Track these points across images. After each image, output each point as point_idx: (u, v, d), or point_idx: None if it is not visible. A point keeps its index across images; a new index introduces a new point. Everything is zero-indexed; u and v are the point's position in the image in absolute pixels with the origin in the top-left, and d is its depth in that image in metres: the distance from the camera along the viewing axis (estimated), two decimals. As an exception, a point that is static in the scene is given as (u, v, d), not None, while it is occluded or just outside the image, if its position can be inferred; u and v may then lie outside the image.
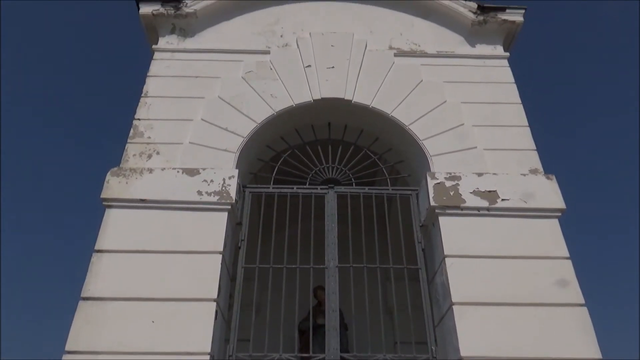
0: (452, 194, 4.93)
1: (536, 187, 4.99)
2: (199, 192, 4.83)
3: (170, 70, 5.90)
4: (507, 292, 4.38)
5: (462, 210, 4.85)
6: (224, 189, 4.87)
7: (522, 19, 6.38)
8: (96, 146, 21.63)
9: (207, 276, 4.39)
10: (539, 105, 20.07)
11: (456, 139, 5.39)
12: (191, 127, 5.38)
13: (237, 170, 5.07)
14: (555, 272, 4.52)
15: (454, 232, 4.73)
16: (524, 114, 5.67)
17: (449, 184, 4.99)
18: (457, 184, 4.99)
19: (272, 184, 5.47)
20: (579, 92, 21.74)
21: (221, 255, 4.52)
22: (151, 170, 4.99)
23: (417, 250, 5.07)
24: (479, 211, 4.85)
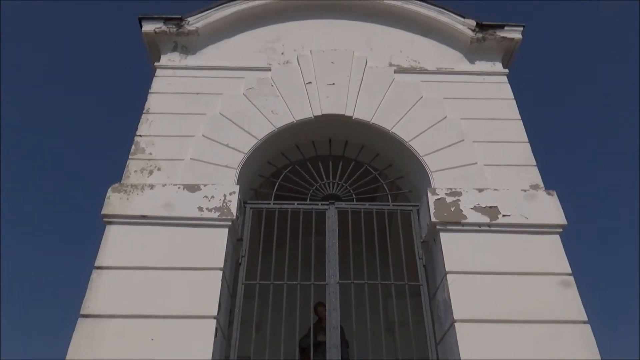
0: (453, 209, 4.91)
1: (537, 202, 4.97)
2: (200, 208, 4.81)
3: (172, 87, 5.93)
4: (510, 309, 4.33)
5: (463, 226, 4.82)
6: (224, 205, 4.85)
7: (520, 36, 6.43)
8: (98, 162, 21.65)
9: (207, 293, 4.35)
10: (539, 121, 20.12)
11: (456, 154, 5.39)
12: (192, 143, 5.38)
13: (238, 186, 5.06)
14: (557, 288, 4.48)
15: (455, 248, 4.70)
16: (524, 129, 5.68)
17: (449, 199, 4.97)
18: (458, 200, 4.97)
19: (272, 199, 5.45)
20: (579, 108, 21.80)
21: (221, 271, 4.49)
22: (152, 186, 4.98)
23: (419, 266, 5.04)
24: (480, 227, 4.82)
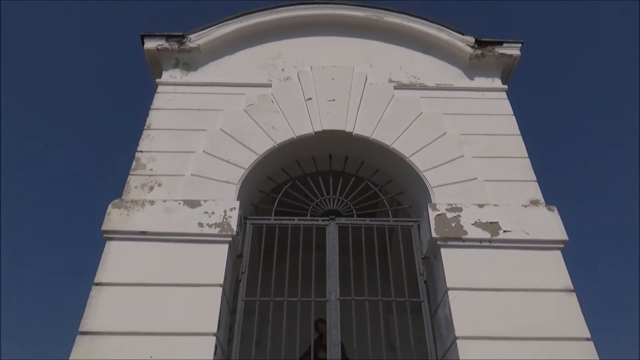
0: (453, 225, 4.89)
1: (538, 218, 4.96)
2: (200, 224, 4.80)
3: (173, 103, 5.96)
4: (512, 326, 4.30)
5: (464, 241, 4.80)
6: (225, 220, 4.84)
7: (519, 53, 6.48)
8: (99, 178, 21.67)
9: (207, 310, 4.32)
10: (538, 136, 20.16)
11: (456, 170, 5.39)
12: (193, 159, 5.39)
13: (239, 202, 5.05)
14: (559, 305, 4.45)
15: (456, 264, 4.68)
16: (524, 145, 5.69)
17: (450, 215, 4.96)
18: (459, 215, 4.96)
19: (273, 215, 5.45)
20: (579, 122, 21.87)
21: (221, 288, 4.46)
22: (152, 202, 4.97)
23: (420, 282, 5.00)
24: (480, 243, 4.80)
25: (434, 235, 4.84)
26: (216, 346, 4.18)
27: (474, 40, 6.46)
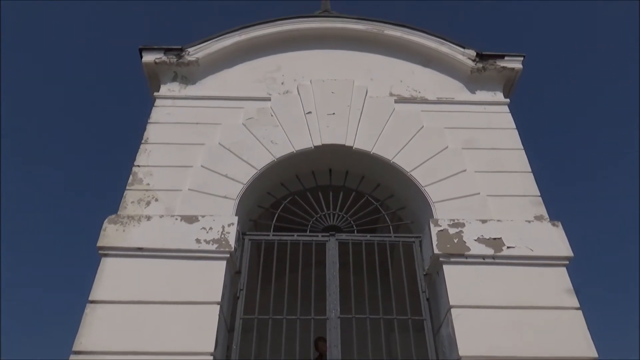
0: (456, 241, 4.86)
1: (542, 234, 4.93)
2: (198, 240, 4.77)
3: (171, 117, 5.95)
4: (517, 345, 4.24)
5: (466, 258, 4.77)
6: (223, 236, 4.81)
7: (520, 66, 6.50)
8: (95, 192, 21.63)
9: (203, 328, 4.27)
10: (542, 150, 20.15)
11: (459, 185, 5.37)
12: (191, 173, 5.37)
13: (237, 217, 5.02)
14: (565, 323, 4.39)
15: (459, 281, 4.64)
16: (527, 159, 5.67)
17: (452, 231, 4.93)
18: (461, 231, 4.93)
19: (272, 231, 5.41)
20: (583, 136, 21.87)
21: (219, 305, 4.41)
22: (149, 217, 4.94)
23: (422, 300, 4.96)
24: (484, 259, 4.77)
25: (436, 251, 4.81)
26: (213, 366, 4.12)
27: (475, 53, 6.48)
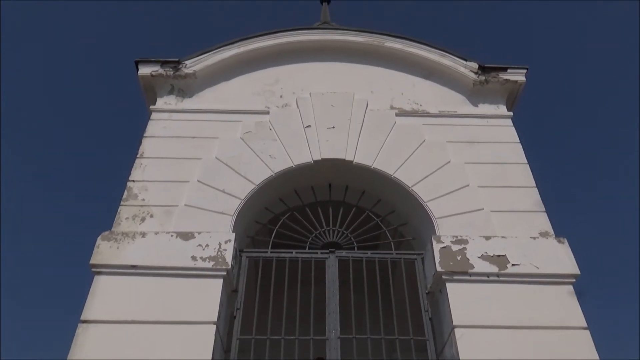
0: (459, 258, 4.82)
1: (547, 251, 4.89)
2: (193, 258, 4.73)
3: (167, 130, 5.95)
4: (523, 367, 4.18)
5: (470, 276, 4.72)
6: (219, 254, 4.77)
7: (524, 79, 6.50)
8: (89, 209, 21.57)
9: (199, 349, 4.21)
10: (546, 164, 20.14)
11: (461, 200, 5.34)
12: (187, 188, 5.35)
13: (234, 234, 4.99)
14: (572, 343, 4.34)
15: (462, 300, 4.59)
16: (531, 174, 5.65)
17: (455, 247, 4.89)
18: (464, 248, 4.89)
19: (270, 248, 5.38)
20: (589, 150, 21.88)
21: (215, 325, 4.36)
22: (144, 234, 4.91)
23: (424, 319, 4.90)
24: (488, 277, 4.72)
25: (439, 269, 4.76)
26: (209, 389, 4.06)
27: (477, 66, 6.49)
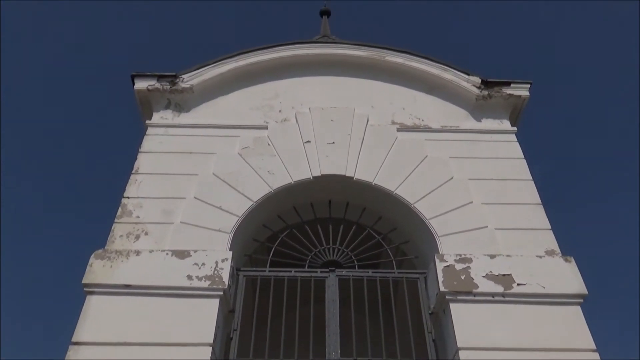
0: (463, 277, 4.78)
1: (554, 270, 4.86)
2: (189, 277, 4.69)
3: (163, 146, 5.94)
4: (530, 391, 4.13)
5: (475, 296, 4.68)
6: (216, 273, 4.73)
7: (527, 94, 6.52)
8: (82, 226, 21.47)
9: (194, 373, 4.16)
10: (552, 181, 20.10)
11: (465, 217, 5.32)
12: (183, 205, 5.33)
13: (231, 252, 4.96)
14: (581, 366, 4.29)
15: (467, 321, 4.54)
16: (536, 190, 5.64)
17: (459, 266, 4.86)
18: (469, 267, 4.85)
19: (268, 266, 5.34)
20: (596, 166, 21.86)
21: (211, 347, 4.31)
22: (138, 252, 4.88)
23: (428, 340, 4.85)
24: (493, 297, 4.68)
25: (442, 288, 4.73)
26: (204, 414, 4.00)
27: (480, 80, 6.51)
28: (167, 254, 4.85)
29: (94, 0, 20.88)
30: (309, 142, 5.97)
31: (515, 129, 6.38)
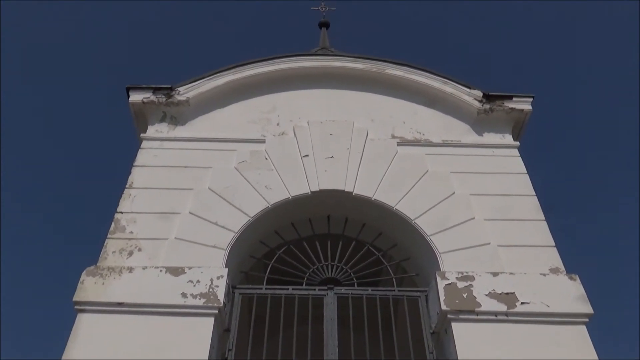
0: (465, 296, 4.76)
1: (558, 288, 4.84)
2: (184, 295, 4.66)
3: (158, 159, 5.94)
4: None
5: (477, 315, 4.66)
6: (211, 290, 4.70)
7: (530, 107, 6.55)
8: (73, 241, 21.38)
9: (188, 394, 4.11)
10: (556, 197, 20.08)
11: (467, 234, 5.31)
12: (178, 221, 5.31)
13: (227, 269, 4.94)
14: (587, 388, 4.26)
15: (469, 341, 4.51)
16: (539, 206, 5.63)
17: (461, 284, 4.84)
18: (471, 285, 4.83)
19: (265, 284, 5.31)
20: (601, 180, 21.85)
21: (205, 368, 4.27)
22: (131, 269, 4.85)
23: (429, 362, 4.81)
24: (496, 316, 4.65)
25: (444, 307, 4.70)
26: None
27: (481, 94, 6.54)
28: (160, 271, 4.83)
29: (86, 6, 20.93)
30: (307, 156, 5.97)
31: (517, 143, 6.40)
